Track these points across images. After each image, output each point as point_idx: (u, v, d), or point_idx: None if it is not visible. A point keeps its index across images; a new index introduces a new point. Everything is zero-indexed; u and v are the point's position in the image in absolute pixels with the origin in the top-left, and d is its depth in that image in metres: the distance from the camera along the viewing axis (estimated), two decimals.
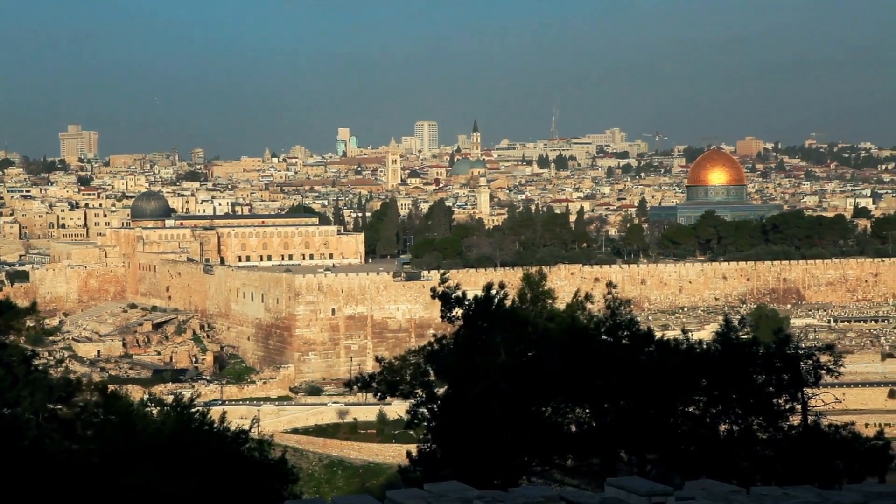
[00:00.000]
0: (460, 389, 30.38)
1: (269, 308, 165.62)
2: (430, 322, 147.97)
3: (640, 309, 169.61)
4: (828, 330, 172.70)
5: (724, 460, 28.87)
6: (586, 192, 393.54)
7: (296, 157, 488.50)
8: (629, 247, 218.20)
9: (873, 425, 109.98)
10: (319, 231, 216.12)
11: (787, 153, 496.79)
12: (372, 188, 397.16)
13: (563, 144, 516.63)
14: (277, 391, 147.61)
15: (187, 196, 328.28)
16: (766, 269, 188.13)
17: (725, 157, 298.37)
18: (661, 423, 29.78)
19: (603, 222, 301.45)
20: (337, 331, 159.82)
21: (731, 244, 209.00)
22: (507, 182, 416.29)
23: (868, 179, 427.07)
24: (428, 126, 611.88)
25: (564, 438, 30.31)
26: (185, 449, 27.57)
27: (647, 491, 14.60)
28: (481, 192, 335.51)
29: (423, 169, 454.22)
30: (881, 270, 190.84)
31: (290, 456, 48.69)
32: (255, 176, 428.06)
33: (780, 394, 30.79)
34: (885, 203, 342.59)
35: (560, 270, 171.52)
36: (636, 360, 30.68)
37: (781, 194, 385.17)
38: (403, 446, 35.23)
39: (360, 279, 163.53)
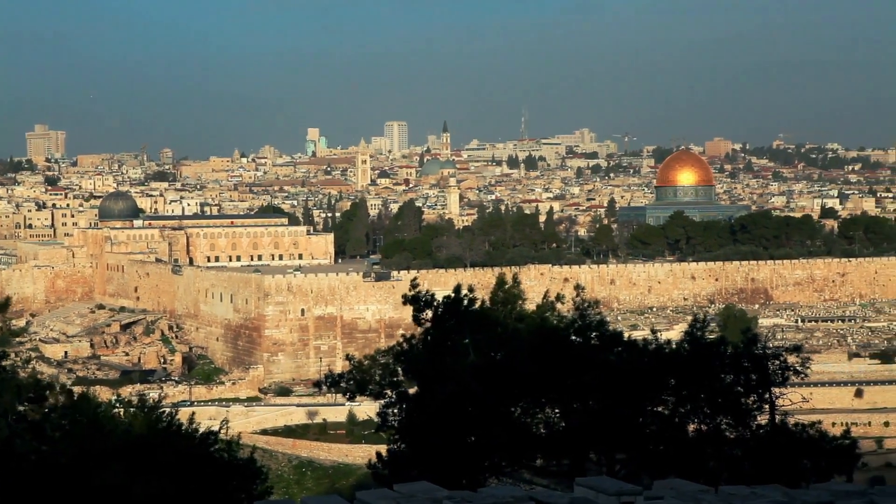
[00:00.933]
0: (430, 390, 30.38)
1: (238, 309, 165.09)
2: (399, 322, 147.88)
3: (610, 309, 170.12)
4: (795, 330, 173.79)
5: (693, 460, 28.99)
6: (556, 192, 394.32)
7: (265, 158, 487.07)
8: (598, 247, 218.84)
9: (840, 424, 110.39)
10: (289, 231, 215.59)
11: (755, 154, 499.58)
12: (341, 188, 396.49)
13: (532, 145, 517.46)
14: (246, 392, 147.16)
15: (156, 196, 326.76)
16: (734, 269, 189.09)
17: (694, 158, 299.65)
18: (630, 423, 29.88)
19: (572, 223, 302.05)
20: (306, 331, 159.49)
21: (700, 244, 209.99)
22: (476, 182, 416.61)
23: (835, 180, 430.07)
24: (398, 126, 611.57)
25: (534, 439, 30.37)
26: (153, 450, 27.45)
27: (616, 491, 14.65)
28: (451, 193, 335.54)
29: (392, 169, 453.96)
30: (848, 270, 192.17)
31: (260, 457, 48.58)
32: (224, 176, 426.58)
33: (748, 393, 30.95)
34: (852, 203, 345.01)
35: (530, 271, 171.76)
36: (605, 361, 30.77)
37: (749, 195, 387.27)
38: (373, 447, 35.18)
39: (329, 280, 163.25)
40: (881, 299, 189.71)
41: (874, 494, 14.58)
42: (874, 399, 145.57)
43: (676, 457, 29.16)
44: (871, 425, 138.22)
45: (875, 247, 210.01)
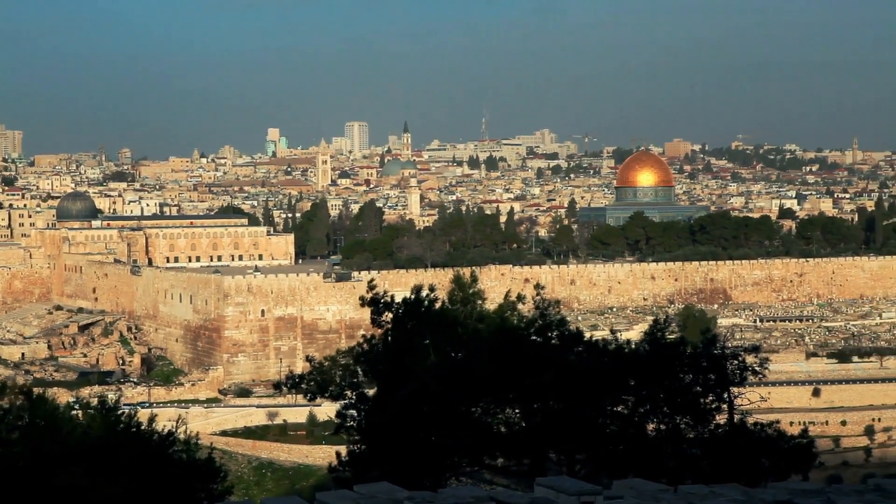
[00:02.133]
0: (390, 390, 30.35)
1: (197, 309, 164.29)
2: (360, 323, 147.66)
3: (570, 309, 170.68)
4: (754, 329, 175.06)
5: (652, 459, 29.11)
6: (516, 193, 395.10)
7: (225, 158, 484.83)
8: (559, 247, 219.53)
9: (798, 423, 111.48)
10: (249, 232, 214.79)
11: (714, 155, 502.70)
12: (302, 189, 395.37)
13: (493, 146, 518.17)
14: (206, 393, 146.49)
15: (114, 197, 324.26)
16: (693, 269, 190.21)
17: (654, 159, 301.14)
18: (590, 422, 29.96)
19: (533, 223, 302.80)
20: (266, 332, 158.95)
21: (660, 245, 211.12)
22: (437, 183, 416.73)
23: (793, 181, 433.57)
24: (358, 126, 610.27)
25: (494, 439, 30.39)
26: (112, 451, 27.28)
27: (577, 490, 14.68)
28: (412, 193, 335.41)
29: (353, 170, 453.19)
30: (806, 271, 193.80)
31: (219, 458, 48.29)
32: (184, 176, 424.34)
33: (707, 393, 31.10)
34: (810, 204, 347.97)
35: (490, 271, 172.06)
36: (565, 361, 30.83)
37: (709, 195, 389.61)
38: (333, 448, 35.14)
39: (289, 280, 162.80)
40: (838, 299, 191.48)
41: (831, 493, 14.70)
42: (831, 398, 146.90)
43: (636, 456, 29.27)
44: (829, 424, 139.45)
45: (832, 247, 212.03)
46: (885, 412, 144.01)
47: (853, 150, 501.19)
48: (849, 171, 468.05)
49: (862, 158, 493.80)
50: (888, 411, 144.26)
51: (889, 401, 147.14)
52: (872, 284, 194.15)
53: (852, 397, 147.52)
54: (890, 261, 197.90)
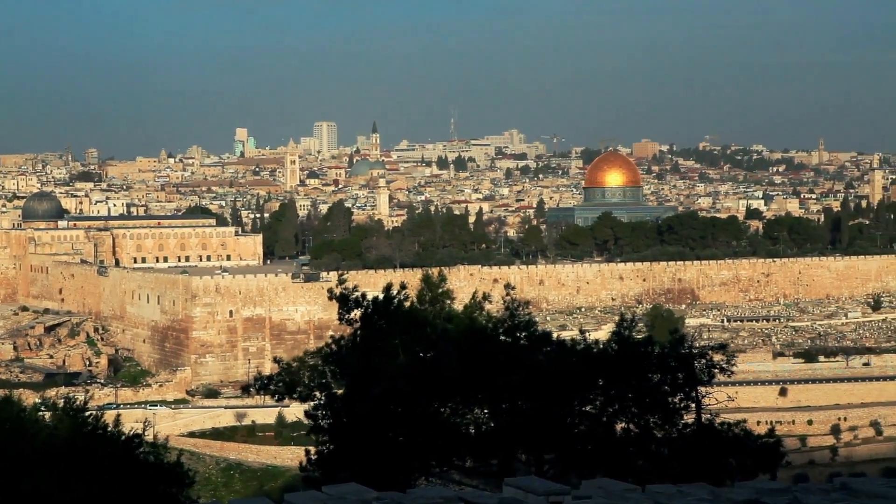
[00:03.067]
0: (358, 390, 30.29)
1: (165, 310, 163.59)
2: (329, 324, 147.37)
3: (539, 309, 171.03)
4: (721, 329, 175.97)
5: (621, 459, 29.19)
6: (485, 193, 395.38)
7: (192, 158, 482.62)
8: (527, 248, 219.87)
9: (765, 423, 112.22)
10: (217, 232, 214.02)
11: (681, 155, 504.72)
12: (270, 189, 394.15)
13: (462, 146, 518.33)
14: (174, 394, 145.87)
15: (81, 197, 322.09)
16: (661, 269, 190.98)
17: (622, 160, 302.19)
18: (558, 422, 30.01)
19: (502, 223, 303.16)
20: (235, 333, 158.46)
21: (628, 245, 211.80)
22: (406, 183, 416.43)
23: (760, 181, 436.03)
24: (327, 126, 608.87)
25: (463, 439, 30.39)
26: (78, 453, 27.09)
27: (545, 491, 14.70)
28: (381, 194, 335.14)
29: (321, 170, 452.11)
30: (772, 271, 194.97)
31: (187, 459, 48.06)
32: (151, 176, 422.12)
33: (674, 392, 31.20)
34: (776, 205, 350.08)
35: (459, 271, 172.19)
36: (534, 361, 30.86)
37: (676, 196, 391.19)
38: (302, 448, 35.11)
39: (258, 281, 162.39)
40: (805, 299, 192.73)
41: (798, 492, 14.77)
42: (798, 398, 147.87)
43: (604, 456, 29.35)
44: (795, 424, 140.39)
45: (799, 247, 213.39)
46: (851, 411, 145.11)
47: (819, 151, 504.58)
48: (815, 171, 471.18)
49: (828, 159, 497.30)
50: (854, 410, 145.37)
51: (855, 400, 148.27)
52: (838, 284, 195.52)
53: (818, 397, 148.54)
54: (855, 261, 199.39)
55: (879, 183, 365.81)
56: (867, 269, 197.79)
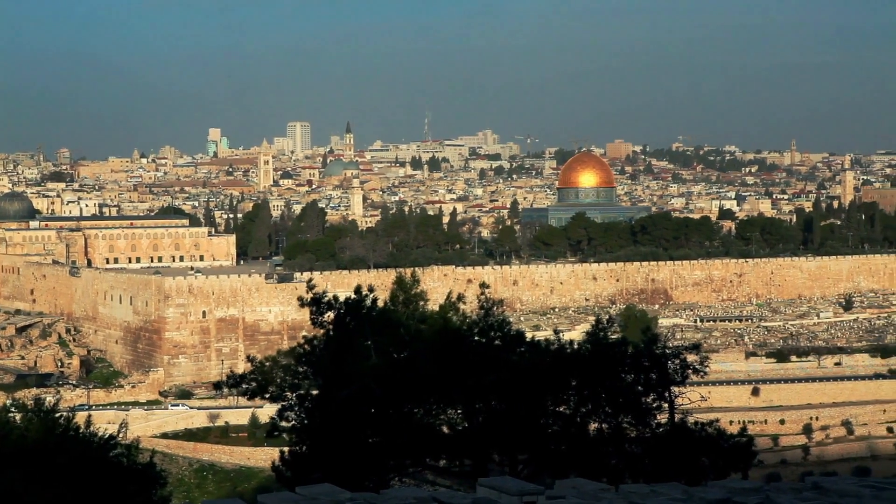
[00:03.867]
0: (331, 391, 30.24)
1: (137, 311, 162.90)
2: (302, 324, 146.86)
3: (513, 310, 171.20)
4: (694, 329, 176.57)
5: (594, 459, 29.26)
6: (459, 193, 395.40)
7: (165, 158, 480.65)
8: (501, 248, 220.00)
9: (737, 422, 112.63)
10: (190, 232, 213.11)
11: (654, 156, 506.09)
12: (243, 189, 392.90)
13: (435, 146, 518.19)
14: (146, 395, 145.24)
15: (52, 197, 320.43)
16: (634, 269, 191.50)
17: (595, 160, 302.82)
18: (532, 422, 30.05)
19: (475, 224, 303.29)
20: (208, 333, 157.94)
21: (601, 245, 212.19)
22: (380, 183, 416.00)
23: (732, 182, 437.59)
24: (300, 127, 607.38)
25: (436, 439, 30.40)
26: (50, 455, 26.95)
27: (519, 491, 14.72)
28: (354, 194, 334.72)
29: (295, 170, 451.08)
30: (745, 271, 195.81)
31: (160, 461, 47.87)
32: (124, 177, 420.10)
33: (648, 392, 31.31)
34: (749, 205, 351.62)
35: (433, 272, 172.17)
36: (508, 361, 30.89)
37: (650, 196, 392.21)
38: (275, 449, 35.04)
39: (231, 281, 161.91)
40: (777, 299, 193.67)
41: (770, 491, 14.84)
42: (770, 397, 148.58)
43: (578, 456, 29.42)
44: (768, 423, 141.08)
45: (771, 247, 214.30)
46: (823, 411, 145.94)
47: (791, 152, 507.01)
48: (787, 172, 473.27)
49: (800, 160, 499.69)
50: (826, 410, 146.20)
51: (826, 400, 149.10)
52: (810, 284, 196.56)
53: (790, 396, 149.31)
54: (827, 261, 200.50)
55: (851, 184, 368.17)
56: (839, 270, 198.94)
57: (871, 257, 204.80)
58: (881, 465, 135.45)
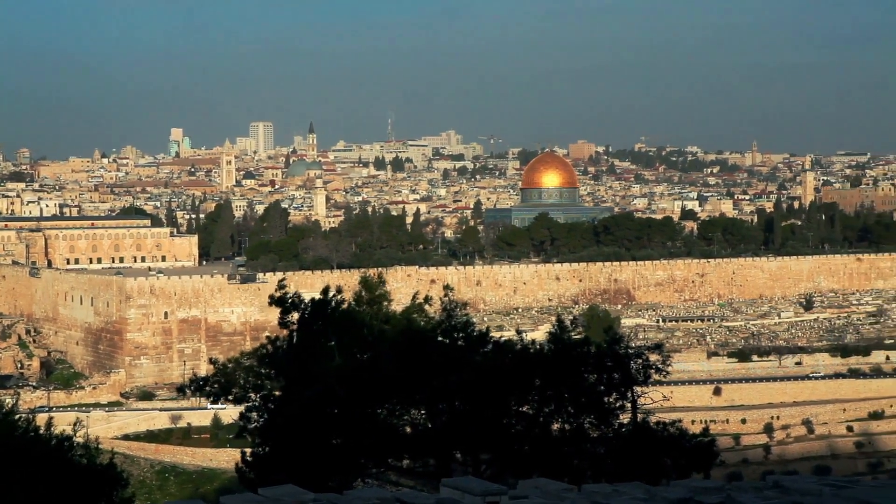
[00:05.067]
0: (295, 392, 30.16)
1: (98, 312, 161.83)
2: (265, 325, 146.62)
3: (476, 310, 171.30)
4: (656, 329, 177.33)
5: (557, 459, 29.32)
6: (422, 194, 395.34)
7: (127, 158, 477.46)
8: (465, 248, 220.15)
9: (699, 422, 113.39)
10: (151, 233, 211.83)
11: (617, 156, 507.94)
12: (206, 189, 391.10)
13: (399, 146, 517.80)
14: (108, 396, 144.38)
15: (12, 197, 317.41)
16: (597, 270, 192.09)
17: (558, 161, 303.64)
18: (495, 423, 30.08)
19: (439, 224, 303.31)
20: (170, 334, 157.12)
21: (564, 246, 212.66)
22: (343, 184, 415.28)
23: (694, 182, 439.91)
24: (263, 127, 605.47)
25: (400, 440, 30.37)
26: (9, 457, 26.72)
27: (482, 491, 14.72)
28: (317, 194, 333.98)
29: (258, 170, 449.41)
30: (707, 271, 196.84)
31: (121, 462, 47.59)
32: (85, 177, 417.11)
33: (610, 392, 31.40)
34: (711, 206, 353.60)
35: (397, 272, 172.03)
36: (471, 362, 30.91)
37: (612, 197, 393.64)
38: (238, 450, 34.86)
39: (193, 282, 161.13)
40: (738, 299, 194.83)
41: (731, 490, 14.92)
42: (732, 397, 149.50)
43: (541, 456, 29.46)
44: (729, 423, 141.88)
45: (732, 248, 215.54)
46: (784, 410, 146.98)
47: (753, 153, 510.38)
48: (748, 172, 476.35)
49: (761, 161, 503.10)
50: (786, 409, 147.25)
51: (787, 399, 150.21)
52: (771, 285, 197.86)
53: (752, 396, 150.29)
54: (788, 261, 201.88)
55: (811, 184, 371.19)
56: (799, 270, 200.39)
57: (831, 257, 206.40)
58: (841, 463, 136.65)
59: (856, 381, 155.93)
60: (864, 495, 14.36)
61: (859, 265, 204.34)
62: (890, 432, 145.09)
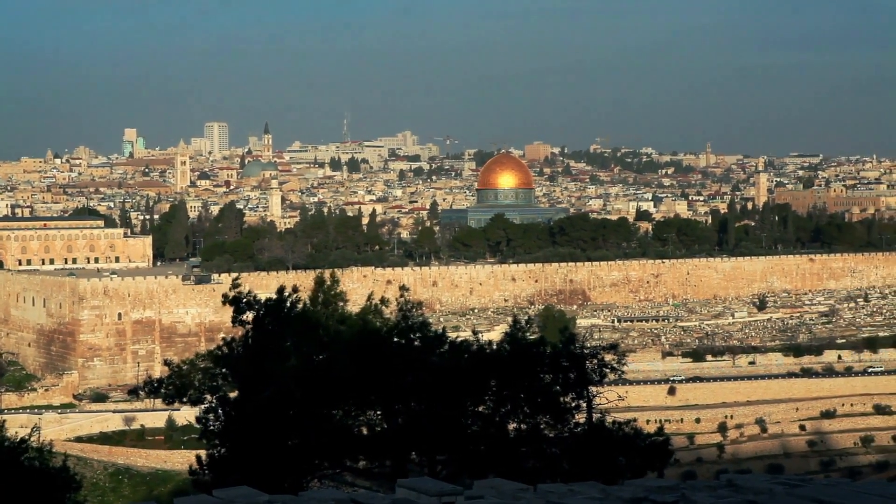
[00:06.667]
0: (250, 393, 30.02)
1: (51, 313, 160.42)
2: (220, 326, 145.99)
3: (432, 311, 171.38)
4: (612, 330, 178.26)
5: (513, 459, 29.37)
6: (378, 194, 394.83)
7: (80, 158, 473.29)
8: (421, 249, 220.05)
9: (654, 421, 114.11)
10: (105, 234, 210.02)
11: (573, 158, 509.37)
12: (160, 190, 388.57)
13: (355, 147, 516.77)
14: (60, 398, 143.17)
15: None
16: (553, 270, 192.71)
17: (514, 162, 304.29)
18: (451, 423, 30.08)
19: (395, 225, 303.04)
20: (123, 336, 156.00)
21: (520, 246, 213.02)
22: (298, 184, 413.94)
23: (649, 184, 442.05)
24: (218, 127, 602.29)
25: (356, 441, 30.32)
26: None
27: (438, 491, 14.73)
28: (273, 195, 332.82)
29: (213, 171, 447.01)
30: (661, 272, 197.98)
31: (74, 465, 47.24)
32: (37, 177, 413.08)
33: (566, 392, 31.47)
34: (665, 206, 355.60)
35: (352, 273, 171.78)
36: (427, 362, 30.90)
37: (568, 198, 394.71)
38: (192, 452, 34.63)
39: (147, 283, 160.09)
40: (693, 299, 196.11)
41: (685, 489, 15.00)
42: (686, 396, 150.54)
43: (497, 456, 29.49)
44: (684, 422, 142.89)
45: (687, 248, 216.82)
46: (738, 409, 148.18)
47: (707, 154, 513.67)
48: (703, 174, 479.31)
49: (715, 162, 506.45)
50: (740, 409, 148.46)
51: (741, 398, 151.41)
52: (725, 285, 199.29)
53: (706, 395, 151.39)
54: (742, 262, 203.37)
55: (764, 185, 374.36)
56: (753, 270, 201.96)
57: (784, 258, 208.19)
58: (793, 462, 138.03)
59: (808, 380, 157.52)
60: (817, 493, 14.49)
61: (812, 266, 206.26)
62: (842, 431, 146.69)
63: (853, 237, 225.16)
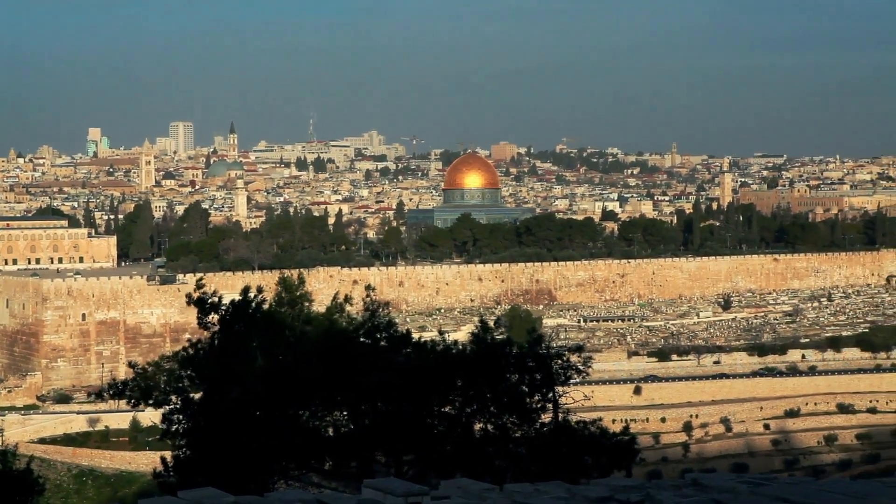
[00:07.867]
0: (216, 394, 29.90)
1: (14, 314, 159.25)
2: (185, 326, 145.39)
3: (399, 311, 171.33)
4: (578, 329, 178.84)
5: (479, 459, 29.40)
6: (345, 194, 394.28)
7: (43, 158, 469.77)
8: (387, 249, 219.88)
9: (620, 421, 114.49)
10: (69, 234, 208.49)
11: (539, 158, 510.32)
12: (124, 190, 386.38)
13: (321, 147, 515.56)
14: (23, 400, 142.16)
15: None
16: (519, 270, 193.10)
17: (481, 162, 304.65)
18: (417, 423, 30.08)
19: (361, 225, 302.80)
20: (87, 336, 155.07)
21: (486, 246, 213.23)
22: (264, 184, 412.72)
23: (615, 184, 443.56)
24: (183, 127, 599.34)
25: (322, 442, 30.26)
26: None
27: (404, 492, 14.73)
28: (238, 195, 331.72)
29: (178, 170, 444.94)
30: (627, 271, 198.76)
31: (37, 467, 46.86)
32: (0, 177, 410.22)
33: (532, 392, 31.53)
34: (631, 206, 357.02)
35: (319, 273, 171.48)
36: (394, 362, 30.88)
37: (534, 198, 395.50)
38: (157, 454, 34.49)
39: (111, 283, 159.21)
40: (658, 299, 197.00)
41: (650, 488, 15.06)
42: (652, 396, 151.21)
43: (463, 456, 29.52)
44: (649, 421, 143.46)
45: (652, 248, 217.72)
46: (703, 409, 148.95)
47: (672, 154, 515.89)
48: (668, 174, 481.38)
49: (680, 162, 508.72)
50: (705, 408, 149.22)
51: (706, 398, 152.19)
52: (690, 285, 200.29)
53: (671, 395, 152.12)
54: (707, 262, 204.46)
55: (729, 185, 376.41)
56: (718, 270, 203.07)
57: (748, 258, 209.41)
58: (758, 461, 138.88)
59: (772, 379, 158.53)
60: (781, 492, 14.58)
61: (776, 265, 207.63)
62: (805, 430, 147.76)
63: (817, 237, 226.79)
